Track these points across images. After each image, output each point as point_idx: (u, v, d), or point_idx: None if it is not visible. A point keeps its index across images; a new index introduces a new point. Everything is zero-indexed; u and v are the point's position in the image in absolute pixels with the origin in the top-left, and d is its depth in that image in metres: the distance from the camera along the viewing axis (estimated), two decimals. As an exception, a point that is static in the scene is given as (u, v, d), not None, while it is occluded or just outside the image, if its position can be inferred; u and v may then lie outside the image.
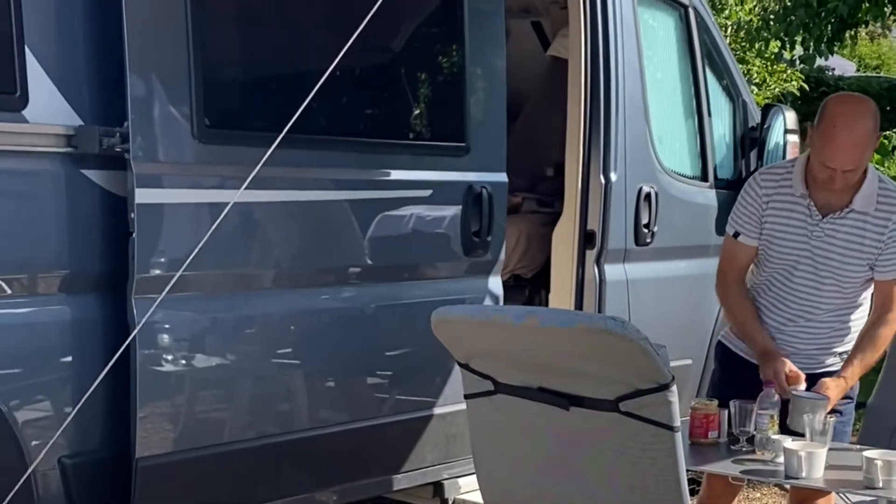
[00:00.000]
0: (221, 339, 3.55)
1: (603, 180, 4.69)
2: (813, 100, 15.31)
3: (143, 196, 3.17)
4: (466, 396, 3.00)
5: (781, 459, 3.23)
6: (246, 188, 2.92)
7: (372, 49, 3.88)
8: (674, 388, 2.58)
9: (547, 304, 4.96)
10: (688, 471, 3.68)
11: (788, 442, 3.25)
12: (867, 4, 9.09)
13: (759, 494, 5.52)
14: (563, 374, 2.72)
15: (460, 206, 4.09)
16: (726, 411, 3.49)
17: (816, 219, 3.61)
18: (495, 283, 4.29)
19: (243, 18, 3.60)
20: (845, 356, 3.70)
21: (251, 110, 3.58)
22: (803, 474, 3.14)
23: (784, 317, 3.72)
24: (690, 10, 5.32)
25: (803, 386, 3.54)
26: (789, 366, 3.54)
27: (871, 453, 3.14)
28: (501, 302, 4.31)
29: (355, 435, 3.88)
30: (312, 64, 2.84)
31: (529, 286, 5.35)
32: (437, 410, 4.09)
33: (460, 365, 2.95)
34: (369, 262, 3.89)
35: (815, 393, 3.50)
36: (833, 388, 3.51)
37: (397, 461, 4.04)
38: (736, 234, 3.73)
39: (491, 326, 2.79)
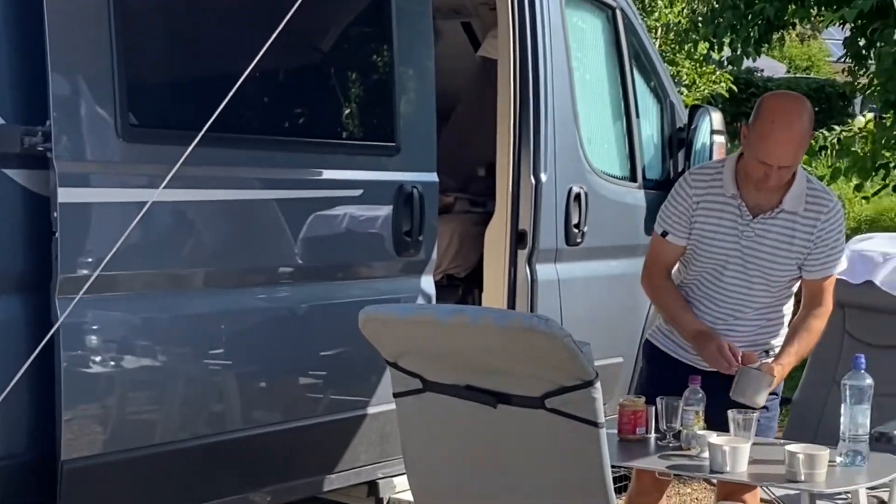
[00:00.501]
0: (151, 339, 3.51)
1: (533, 181, 4.73)
2: (742, 101, 15.58)
3: (66, 195, 3.13)
4: (395, 395, 3.01)
5: (707, 454, 3.27)
6: (175, 188, 2.90)
7: (299, 49, 3.88)
8: (598, 384, 2.62)
9: (480, 304, 4.98)
10: (617, 467, 3.76)
11: (713, 437, 3.30)
12: (793, 6, 9.24)
13: (689, 489, 5.59)
14: (490, 372, 2.74)
15: (391, 206, 4.09)
16: (654, 408, 3.53)
17: (747, 219, 3.65)
18: (427, 283, 4.30)
19: (168, 16, 3.57)
20: (772, 353, 3.77)
21: (177, 108, 3.55)
22: (727, 468, 3.19)
23: (713, 315, 3.76)
24: (618, 12, 5.38)
25: (756, 364, 3.60)
26: (729, 344, 3.58)
27: (793, 447, 3.19)
28: (434, 301, 4.32)
29: (288, 435, 3.86)
30: (239, 62, 2.82)
31: (463, 286, 5.38)
32: (371, 410, 4.09)
33: (388, 363, 2.96)
34: (300, 261, 3.88)
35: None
36: (774, 371, 3.58)
37: (331, 461, 4.03)
38: (664, 233, 3.75)
39: (418, 325, 2.81)
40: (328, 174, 3.96)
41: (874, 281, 4.38)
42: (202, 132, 2.71)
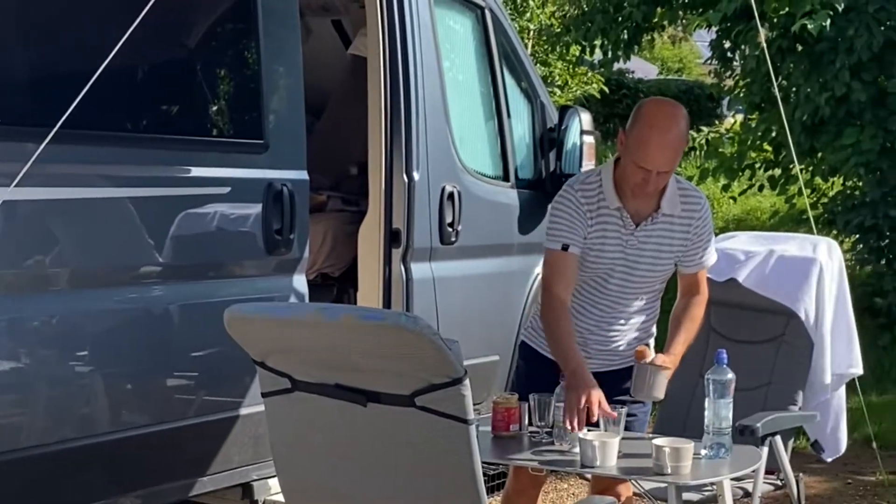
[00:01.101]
0: (12, 341, 3.40)
1: (406, 179, 4.73)
2: (614, 102, 15.85)
3: None
4: (264, 395, 2.98)
5: (578, 449, 3.31)
6: (33, 185, 2.81)
7: (162, 45, 3.81)
8: (467, 382, 2.62)
9: (355, 303, 4.96)
10: (490, 463, 3.78)
11: (583, 432, 3.34)
12: (661, 9, 9.44)
13: (566, 485, 5.65)
14: (359, 371, 2.73)
15: (261, 204, 4.04)
16: (527, 405, 3.56)
17: (630, 228, 3.71)
18: (300, 282, 4.27)
19: (22, 9, 3.46)
20: (651, 340, 3.89)
21: (35, 105, 3.44)
22: (597, 463, 3.23)
23: (595, 319, 3.82)
24: (487, 12, 5.42)
25: (649, 357, 3.67)
26: (598, 398, 3.46)
27: (659, 441, 3.25)
28: (307, 300, 4.29)
29: (159, 438, 3.79)
30: (100, 58, 2.75)
31: (337, 285, 5.34)
32: (244, 411, 4.03)
33: (256, 363, 2.92)
34: (167, 260, 3.80)
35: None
36: (668, 362, 3.67)
37: (204, 463, 3.97)
38: (566, 247, 3.69)
39: (285, 324, 2.78)
40: (195, 171, 3.88)
41: (737, 278, 4.49)
42: (55, 128, 2.63)
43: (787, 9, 7.88)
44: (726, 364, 3.42)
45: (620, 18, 9.65)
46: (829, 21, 7.53)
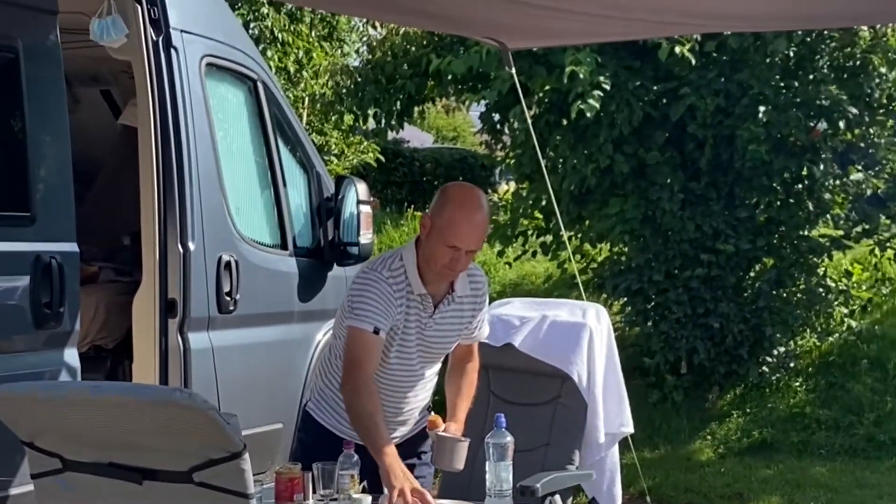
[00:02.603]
0: None
1: (181, 249, 4.67)
2: (391, 170, 16.03)
3: None
4: (33, 476, 2.83)
5: None
6: None
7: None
8: (246, 455, 2.58)
9: (131, 375, 4.84)
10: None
11: (368, 498, 3.33)
12: (432, 83, 9.66)
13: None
14: (134, 448, 2.64)
15: (28, 277, 3.91)
16: (311, 474, 3.52)
17: (429, 311, 3.76)
18: (72, 356, 4.13)
19: None
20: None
21: None
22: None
23: (397, 396, 3.84)
24: (259, 84, 5.44)
25: (442, 427, 3.75)
26: (417, 491, 3.42)
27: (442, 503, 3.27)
28: (79, 374, 4.16)
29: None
30: None
31: (112, 357, 5.24)
32: (14, 491, 3.83)
33: (24, 444, 2.78)
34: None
35: (454, 434, 3.76)
36: (460, 431, 3.80)
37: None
38: (377, 331, 3.64)
39: (55, 403, 2.66)
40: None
41: (514, 343, 4.59)
42: None
43: (555, 86, 8.18)
44: (505, 427, 3.48)
45: (393, 90, 9.81)
46: (599, 103, 7.87)
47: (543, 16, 3.53)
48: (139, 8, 4.70)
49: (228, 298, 4.91)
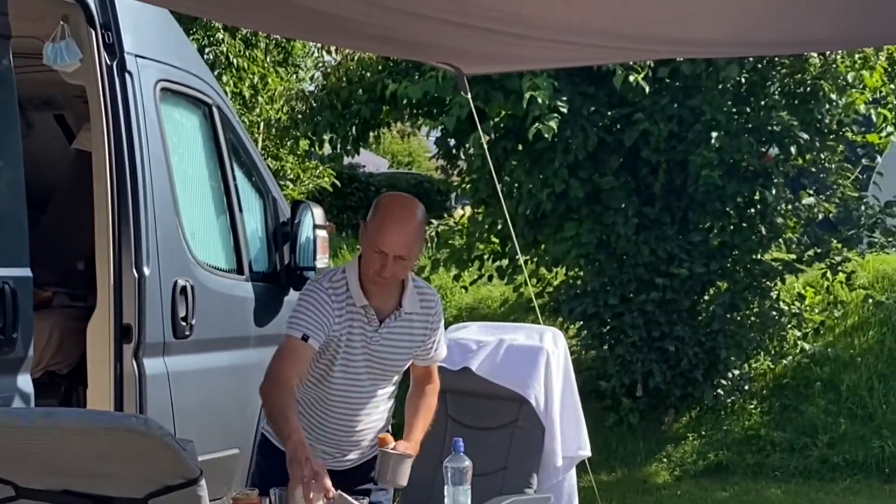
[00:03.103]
0: None
1: (136, 274, 4.64)
2: (347, 195, 16.03)
3: None
4: (-15, 505, 2.79)
5: None
6: None
7: None
8: (202, 482, 2.55)
9: (85, 400, 4.79)
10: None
11: None
12: (387, 107, 9.68)
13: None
14: (89, 475, 2.60)
15: (-20, 303, 3.85)
16: (268, 499, 3.50)
17: (374, 325, 3.75)
18: (25, 382, 4.07)
19: None
20: (372, 446, 3.89)
21: None
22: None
23: (348, 415, 3.83)
24: (215, 109, 5.43)
25: (392, 444, 3.70)
26: (321, 471, 3.42)
27: None
28: (33, 400, 4.10)
29: None
30: None
31: (65, 383, 5.16)
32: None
33: (-26, 473, 2.74)
34: None
35: (400, 451, 3.70)
36: (410, 449, 3.74)
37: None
38: (305, 338, 3.65)
39: (6, 429, 2.62)
40: None
41: (471, 367, 4.60)
42: None
43: (512, 111, 8.23)
44: (463, 451, 3.48)
45: (348, 115, 9.82)
46: (556, 125, 7.93)
47: (500, 41, 3.55)
48: (93, 32, 4.68)
49: (184, 323, 4.87)
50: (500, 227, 9.16)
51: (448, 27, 3.47)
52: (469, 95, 4.74)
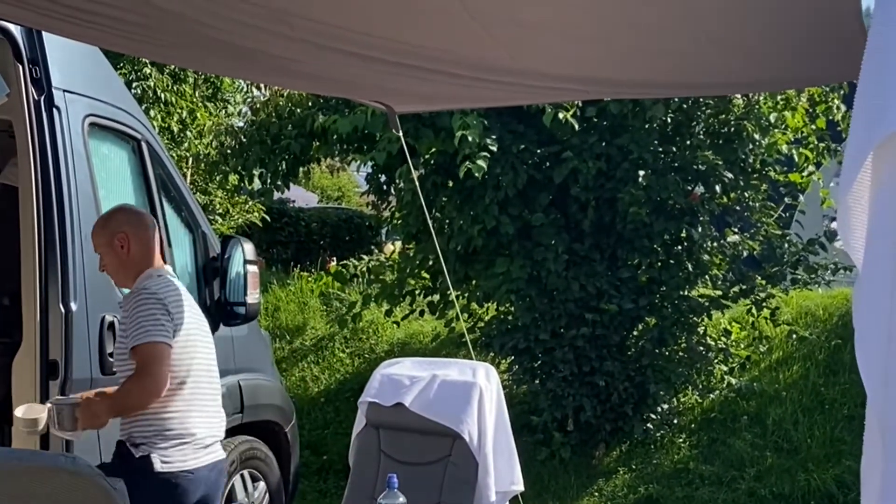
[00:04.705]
0: None
1: (63, 310, 4.57)
2: (277, 230, 15.96)
3: None
4: None
5: None
6: None
7: None
8: (133, 522, 2.53)
9: (10, 439, 4.68)
10: None
11: None
12: (318, 143, 9.68)
13: None
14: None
15: None
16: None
17: None
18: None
19: None
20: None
21: None
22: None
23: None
24: (143, 143, 5.39)
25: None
26: None
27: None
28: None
29: None
30: None
31: (-10, 420, 5.05)
32: None
33: None
34: None
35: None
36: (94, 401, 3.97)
37: None
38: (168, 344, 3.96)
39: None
40: None
41: (404, 403, 4.60)
42: None
43: (442, 147, 8.27)
44: (397, 488, 3.47)
45: (278, 150, 9.80)
46: (486, 163, 7.98)
47: (432, 80, 3.58)
48: (20, 67, 4.64)
49: (111, 359, 4.80)
50: (430, 262, 9.17)
51: (380, 67, 3.49)
52: (400, 133, 4.76)
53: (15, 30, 4.58)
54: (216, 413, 4.14)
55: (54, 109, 4.69)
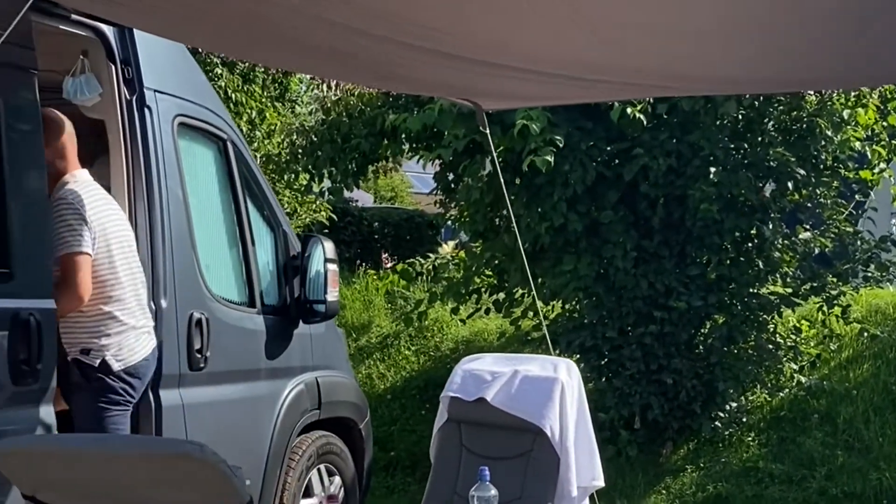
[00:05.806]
0: None
1: (153, 306, 4.68)
2: (341, 229, 16.08)
3: None
4: (34, 530, 2.82)
5: None
6: None
7: None
8: (251, 507, 2.61)
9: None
10: None
11: None
12: (387, 142, 9.76)
13: None
14: (136, 501, 2.65)
15: (6, 334, 3.90)
16: None
17: None
18: (48, 413, 4.11)
19: None
20: None
21: None
22: None
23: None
24: (229, 144, 5.49)
25: None
26: None
27: None
28: (55, 431, 4.13)
29: None
30: None
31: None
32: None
33: (25, 497, 2.78)
34: None
35: None
36: None
37: None
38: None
39: (62, 456, 2.67)
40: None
41: (486, 398, 4.65)
42: None
43: (509, 145, 8.31)
44: (489, 481, 3.52)
45: (348, 149, 9.90)
46: (552, 157, 8.00)
47: (523, 78, 3.63)
48: (113, 67, 4.75)
49: (199, 356, 4.92)
50: (497, 261, 9.22)
51: (470, 67, 3.55)
52: (487, 130, 4.82)
53: (108, 30, 4.70)
54: (144, 302, 4.50)
55: (146, 109, 4.79)
